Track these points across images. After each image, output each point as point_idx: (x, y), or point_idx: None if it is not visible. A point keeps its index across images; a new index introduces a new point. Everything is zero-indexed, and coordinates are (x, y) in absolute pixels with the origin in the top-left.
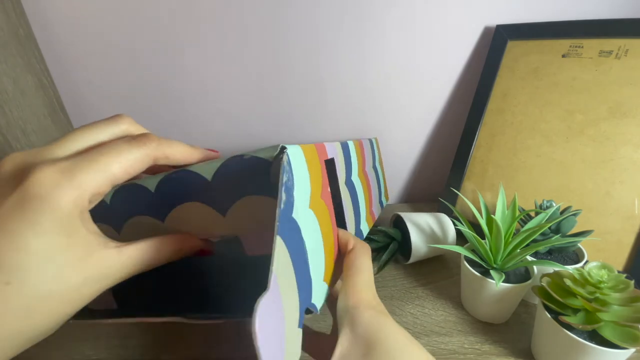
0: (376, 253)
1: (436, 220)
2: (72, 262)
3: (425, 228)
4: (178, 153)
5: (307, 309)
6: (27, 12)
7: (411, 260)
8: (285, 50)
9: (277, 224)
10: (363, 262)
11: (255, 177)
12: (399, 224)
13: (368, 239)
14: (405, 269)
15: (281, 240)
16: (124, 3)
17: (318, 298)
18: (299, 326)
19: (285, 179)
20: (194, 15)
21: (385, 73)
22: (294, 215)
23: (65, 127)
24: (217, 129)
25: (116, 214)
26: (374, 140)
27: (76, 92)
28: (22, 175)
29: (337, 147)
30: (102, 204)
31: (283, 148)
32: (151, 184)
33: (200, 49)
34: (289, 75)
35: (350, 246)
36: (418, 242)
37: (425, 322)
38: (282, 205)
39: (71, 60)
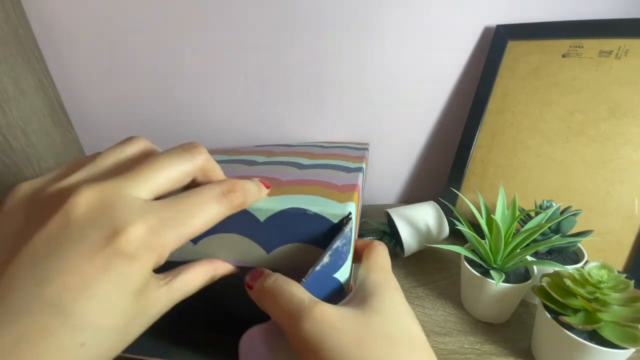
0: None
1: (425, 210)
2: (140, 313)
3: (415, 219)
4: (248, 203)
5: None
6: (27, 12)
7: (406, 253)
8: (285, 50)
9: (303, 280)
10: (380, 250)
11: (312, 230)
12: (391, 221)
13: (360, 236)
14: (405, 268)
15: None
16: (124, 3)
17: None
18: None
19: (339, 244)
20: (195, 15)
21: (385, 73)
22: (337, 275)
23: (65, 127)
24: (215, 129)
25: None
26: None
27: (76, 92)
28: (106, 221)
29: (360, 177)
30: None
31: (349, 215)
32: None
33: (200, 49)
34: (289, 75)
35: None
36: (408, 236)
37: (425, 322)
38: (318, 267)
39: (71, 60)
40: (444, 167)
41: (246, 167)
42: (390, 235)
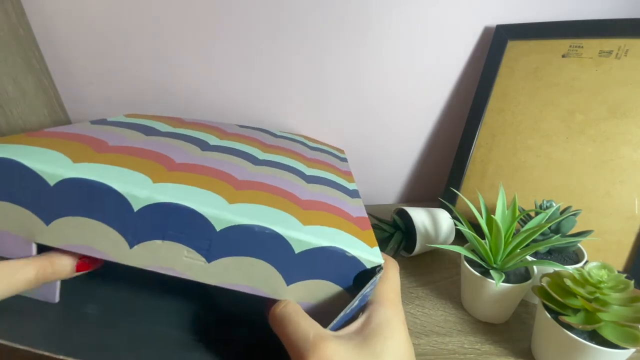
0: (385, 244)
1: (435, 215)
2: None
3: (427, 223)
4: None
5: None
6: (27, 12)
7: (415, 251)
8: (285, 51)
9: (332, 324)
10: (392, 274)
11: (342, 270)
12: (402, 218)
13: (375, 227)
14: (405, 268)
15: None
16: (124, 3)
17: None
18: None
19: (368, 291)
20: (195, 15)
21: (385, 73)
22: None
23: None
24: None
25: (58, 203)
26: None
27: (76, 92)
28: None
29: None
30: (40, 184)
31: (380, 268)
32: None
33: (200, 50)
34: (289, 76)
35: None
36: (422, 240)
37: (425, 322)
38: (348, 311)
39: (71, 60)
40: (444, 167)
41: (247, 163)
42: (403, 234)
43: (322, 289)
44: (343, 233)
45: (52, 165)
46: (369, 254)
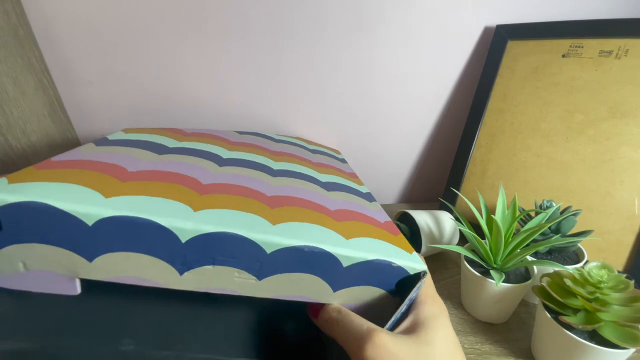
0: None
1: (438, 217)
2: None
3: (431, 225)
4: None
5: None
6: (27, 12)
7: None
8: (285, 51)
9: (386, 326)
10: (428, 274)
11: (387, 277)
12: (405, 222)
13: None
14: None
15: None
16: (124, 3)
17: None
18: None
19: (414, 295)
20: (195, 16)
21: (385, 73)
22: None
23: (66, 127)
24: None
25: (99, 241)
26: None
27: (76, 92)
28: None
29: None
30: (78, 225)
31: (425, 273)
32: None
33: (201, 50)
34: (289, 77)
35: None
36: (427, 244)
37: None
38: (398, 315)
39: (71, 60)
40: (444, 167)
41: (267, 176)
42: (409, 239)
43: (367, 292)
44: (382, 242)
45: (86, 204)
46: (412, 262)
